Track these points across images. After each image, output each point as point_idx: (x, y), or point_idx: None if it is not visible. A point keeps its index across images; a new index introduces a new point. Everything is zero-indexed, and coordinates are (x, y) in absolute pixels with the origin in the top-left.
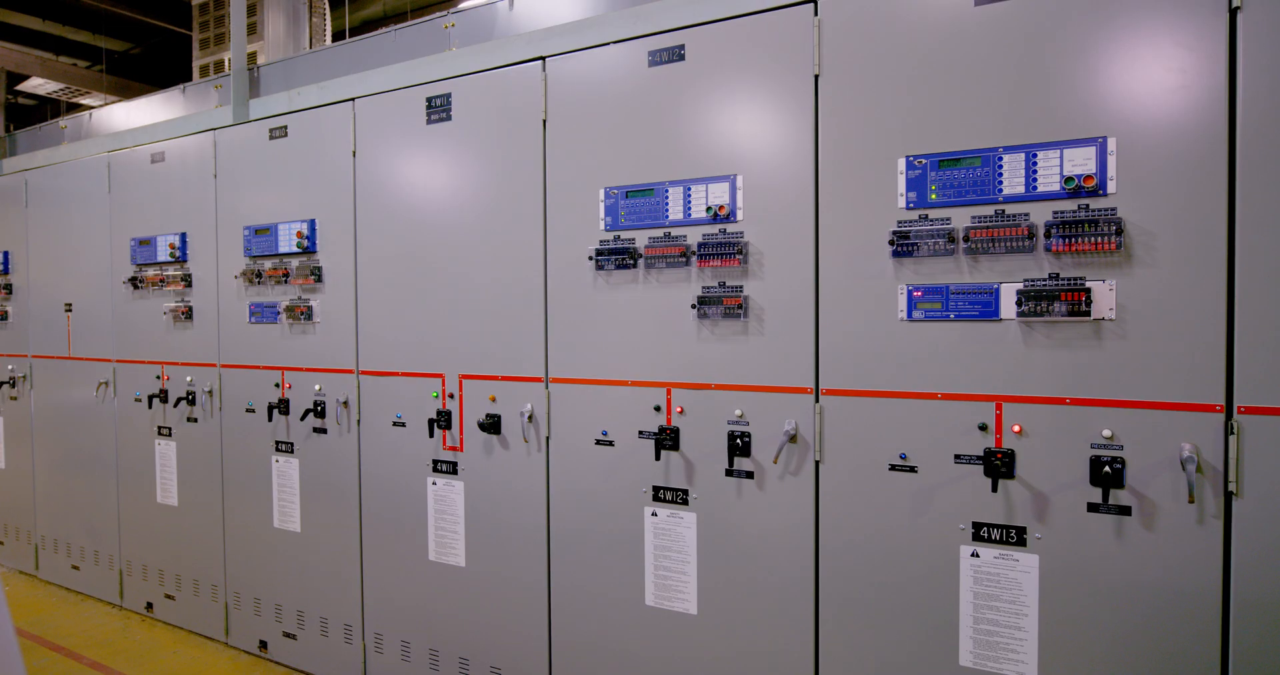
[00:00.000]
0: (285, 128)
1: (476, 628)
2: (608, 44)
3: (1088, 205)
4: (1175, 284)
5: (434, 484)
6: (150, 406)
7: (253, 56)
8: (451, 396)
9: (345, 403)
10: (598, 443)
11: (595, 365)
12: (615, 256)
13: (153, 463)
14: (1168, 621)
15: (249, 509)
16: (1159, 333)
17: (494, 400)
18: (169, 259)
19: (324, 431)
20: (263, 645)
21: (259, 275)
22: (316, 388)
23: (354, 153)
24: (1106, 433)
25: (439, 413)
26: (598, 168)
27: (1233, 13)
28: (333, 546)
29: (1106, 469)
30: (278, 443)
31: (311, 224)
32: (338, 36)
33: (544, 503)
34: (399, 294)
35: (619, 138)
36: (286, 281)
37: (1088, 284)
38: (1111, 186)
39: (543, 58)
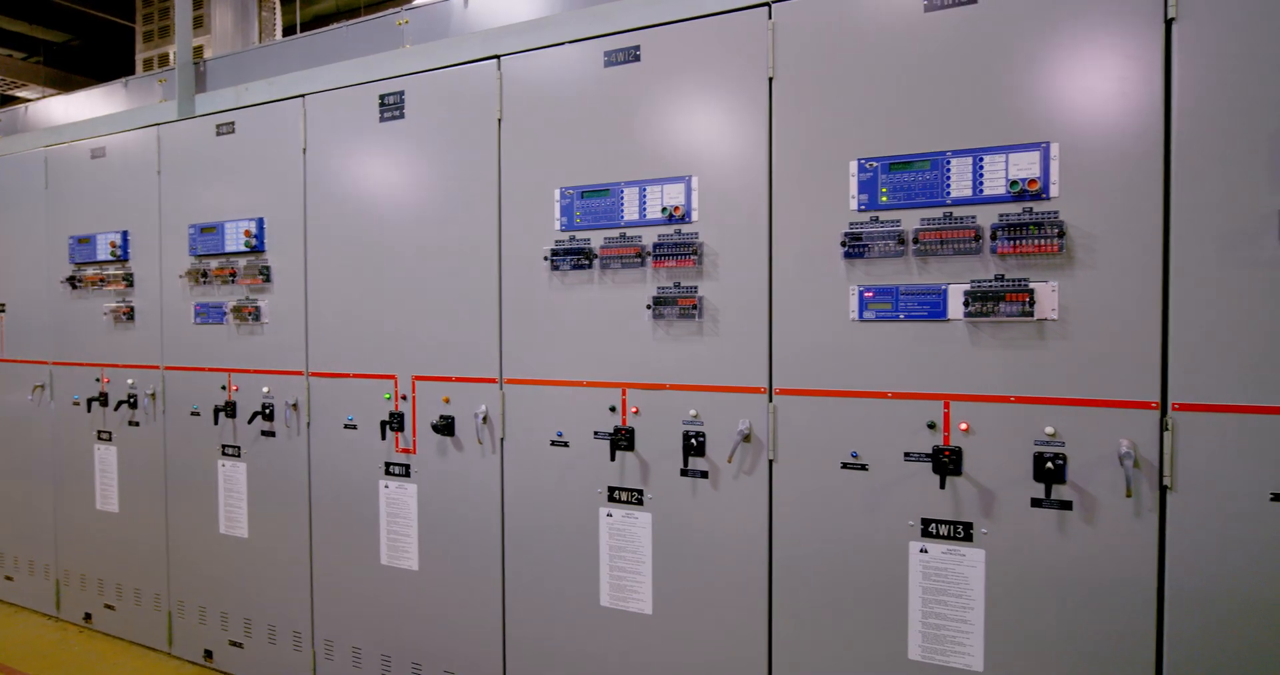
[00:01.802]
0: (233, 124)
1: (430, 632)
2: (563, 43)
3: (1031, 208)
4: (1114, 285)
5: (386, 487)
6: (89, 410)
7: (199, 50)
8: (404, 398)
9: (295, 405)
10: (553, 444)
11: (550, 366)
12: (571, 257)
13: (92, 468)
14: (1107, 611)
15: (194, 515)
16: (1099, 333)
17: (448, 402)
18: (110, 258)
19: (272, 435)
20: (208, 655)
21: (205, 275)
22: (265, 390)
23: (304, 150)
24: (1049, 430)
25: (391, 414)
26: (553, 168)
27: (1168, 23)
28: (282, 552)
29: (1049, 465)
30: (224, 446)
31: (260, 222)
32: (288, 31)
33: (498, 504)
34: (350, 294)
35: (575, 138)
36: (234, 281)
37: (1031, 285)
38: (1054, 190)
39: (498, 56)
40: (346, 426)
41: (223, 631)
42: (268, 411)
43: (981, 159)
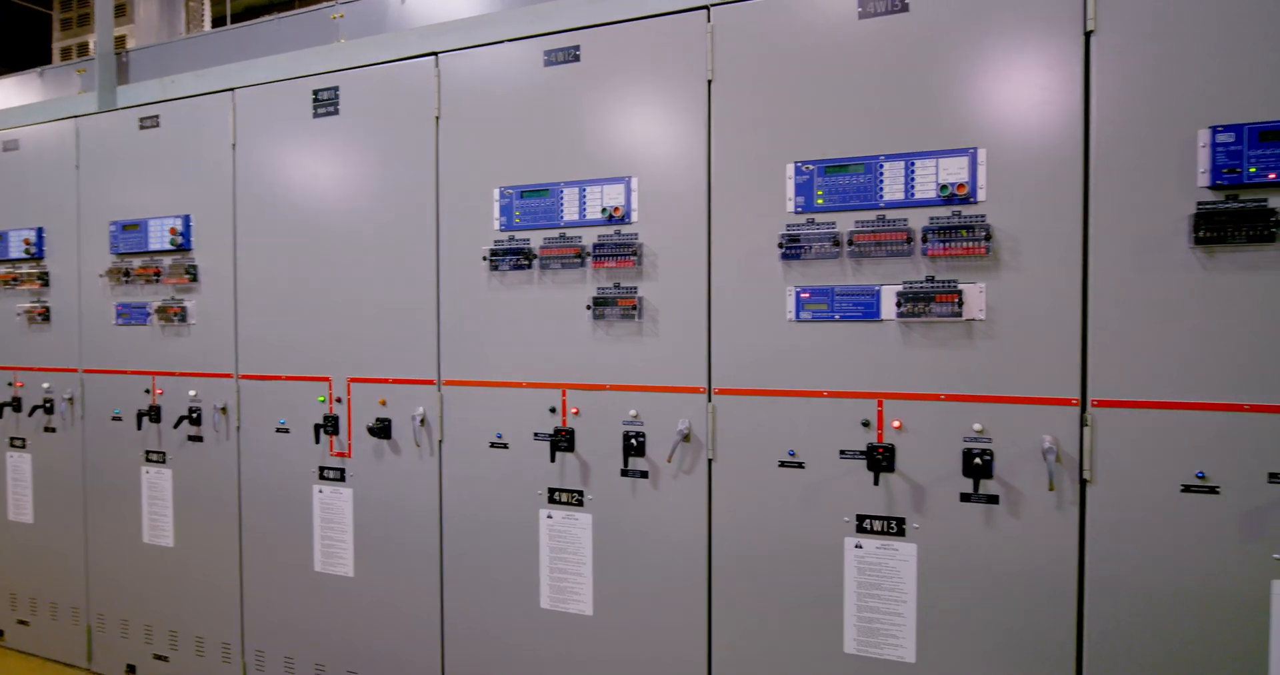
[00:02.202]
0: (157, 117)
1: (366, 639)
2: (503, 42)
3: (960, 212)
4: (1037, 287)
5: (320, 492)
6: (0, 416)
7: (122, 40)
8: (339, 400)
9: (224, 409)
10: (492, 445)
11: (490, 367)
12: (510, 257)
13: (3, 477)
14: (1031, 600)
15: (115, 524)
16: (1023, 332)
17: (384, 404)
18: (23, 256)
19: (200, 439)
20: (130, 669)
21: (127, 274)
22: (192, 393)
23: (234, 145)
24: (977, 426)
25: (326, 418)
26: (492, 167)
27: (1087, 36)
28: (209, 561)
29: (977, 461)
30: (148, 452)
31: (186, 220)
32: (218, 23)
33: (436, 508)
34: (283, 294)
35: (514, 137)
36: (158, 281)
37: (960, 286)
38: (981, 195)
39: (435, 53)
40: (279, 430)
41: (147, 645)
42: (195, 416)
43: (913, 163)
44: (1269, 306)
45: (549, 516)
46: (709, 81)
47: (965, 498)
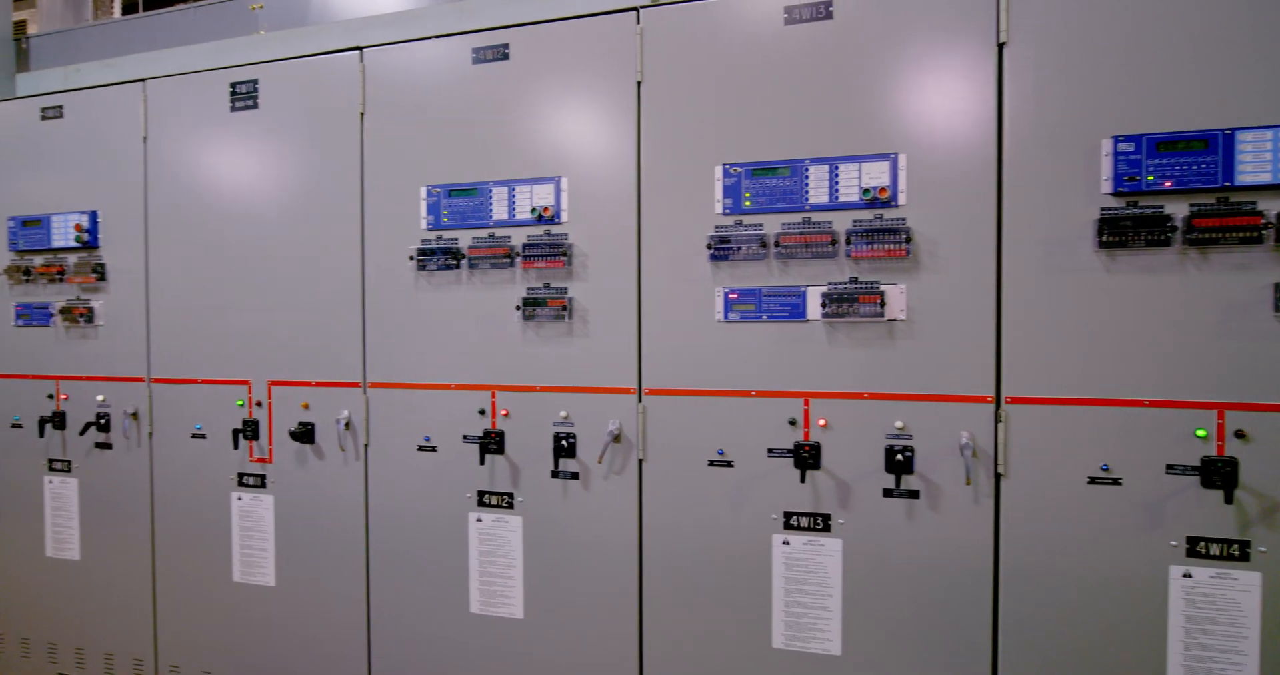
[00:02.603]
0: (61, 107)
1: (289, 649)
2: (429, 38)
3: (882, 215)
4: (954, 288)
5: (239, 499)
6: None
7: (21, 25)
8: (259, 404)
9: (134, 414)
10: (420, 448)
11: (417, 369)
12: (438, 257)
13: None
14: (950, 591)
15: (15, 538)
16: (942, 332)
17: (307, 407)
18: None
19: (109, 446)
20: None
21: (27, 272)
22: (100, 398)
23: (145, 139)
24: (899, 424)
25: (245, 422)
26: (420, 165)
27: (1000, 47)
28: (119, 574)
29: (898, 457)
30: (51, 461)
31: (93, 216)
32: (129, 10)
33: (362, 512)
34: (199, 294)
35: (442, 135)
36: (62, 280)
37: (882, 287)
38: (902, 198)
39: (360, 48)
40: (194, 436)
41: (50, 664)
42: (103, 421)
43: (837, 167)
44: (1165, 307)
45: (479, 520)
46: (638, 83)
47: (888, 493)
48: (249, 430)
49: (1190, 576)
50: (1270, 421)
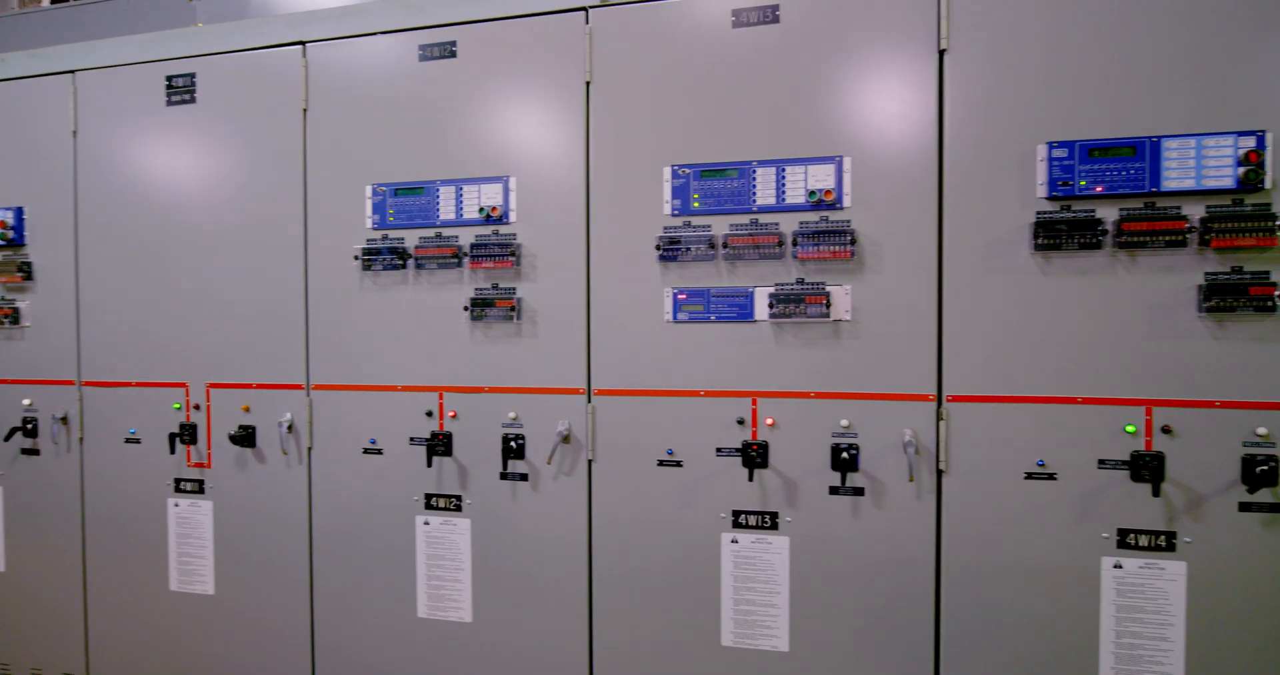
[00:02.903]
0: None
1: (230, 658)
2: (375, 34)
3: (828, 217)
4: (897, 288)
5: (176, 505)
6: None
7: None
8: (197, 407)
9: (64, 419)
10: (365, 451)
11: (362, 370)
12: (384, 256)
13: None
14: (894, 585)
15: None
16: (885, 332)
17: (248, 410)
18: None
19: (37, 453)
20: None
21: None
22: (26, 402)
23: (74, 133)
24: (844, 422)
25: (182, 426)
26: (365, 163)
27: (941, 54)
28: (48, 585)
29: (844, 455)
30: None
31: (18, 213)
32: None
33: (306, 517)
34: (133, 294)
35: (388, 133)
36: None
37: (828, 288)
38: (847, 201)
39: (303, 43)
40: (128, 440)
41: None
42: (30, 427)
43: (784, 170)
44: (1097, 308)
45: (426, 523)
46: (587, 83)
47: (834, 491)
48: (186, 434)
49: (1121, 567)
50: (1194, 417)
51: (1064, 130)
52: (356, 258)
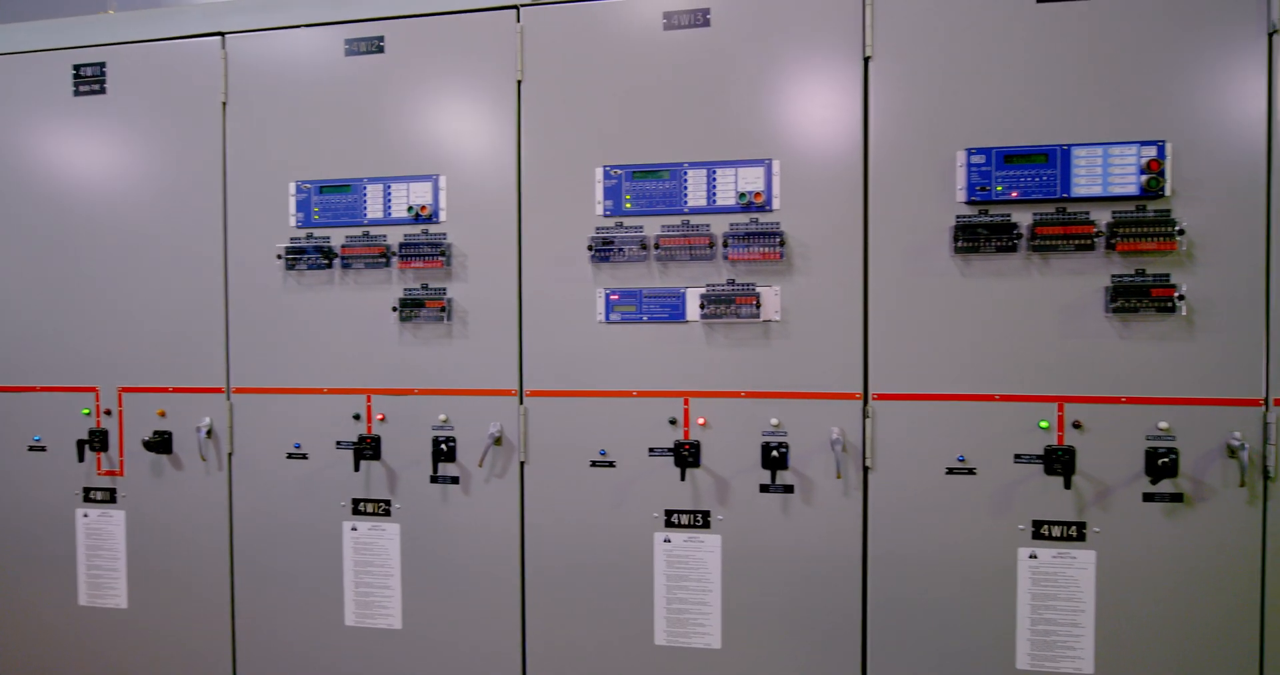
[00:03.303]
0: None
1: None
2: (299, 27)
3: (757, 219)
4: (826, 289)
5: (85, 516)
6: None
7: None
8: (108, 413)
9: None
10: (290, 456)
11: (287, 373)
12: (309, 256)
13: None
14: (823, 580)
15: None
16: (814, 332)
17: (164, 415)
18: None
19: None
20: None
21: None
22: None
23: None
24: (774, 421)
25: (92, 432)
26: (288, 159)
27: (866, 61)
28: None
29: (774, 453)
30: None
31: None
32: None
33: (226, 526)
34: (38, 295)
35: (313, 128)
36: None
37: (758, 289)
38: (776, 203)
39: (222, 34)
40: (32, 448)
41: None
42: None
43: (715, 171)
44: (1012, 308)
45: (353, 529)
46: (519, 82)
47: (764, 488)
48: (96, 441)
49: (1036, 557)
50: (1102, 413)
51: (982, 137)
52: (280, 257)
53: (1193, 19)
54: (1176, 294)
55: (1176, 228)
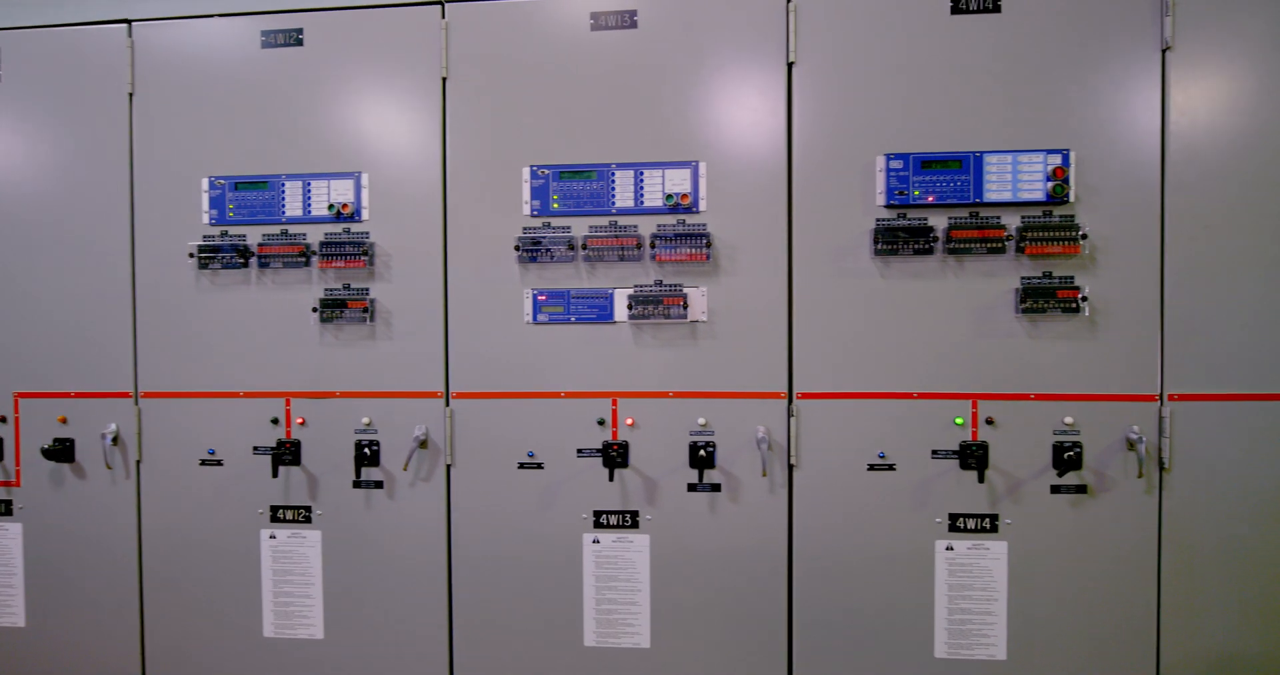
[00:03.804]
0: None
1: None
2: (212, 16)
3: (685, 220)
4: (751, 290)
5: None
6: None
7: None
8: (3, 420)
9: None
10: (204, 463)
11: (200, 376)
12: (223, 254)
13: None
14: (750, 577)
15: None
16: (740, 333)
17: (65, 422)
18: None
19: None
20: None
21: None
22: None
23: None
24: (701, 421)
25: None
26: (201, 154)
27: (789, 66)
28: None
29: (701, 453)
30: None
31: None
32: None
33: (135, 537)
34: None
35: (227, 123)
36: None
37: (685, 290)
38: (703, 205)
39: (128, 21)
40: None
41: None
42: None
43: (642, 173)
44: (929, 309)
45: (272, 536)
46: (444, 79)
47: (692, 488)
48: None
49: (952, 549)
50: (1013, 409)
51: (901, 143)
52: (192, 255)
53: (1094, 35)
54: (1080, 295)
55: (1080, 232)
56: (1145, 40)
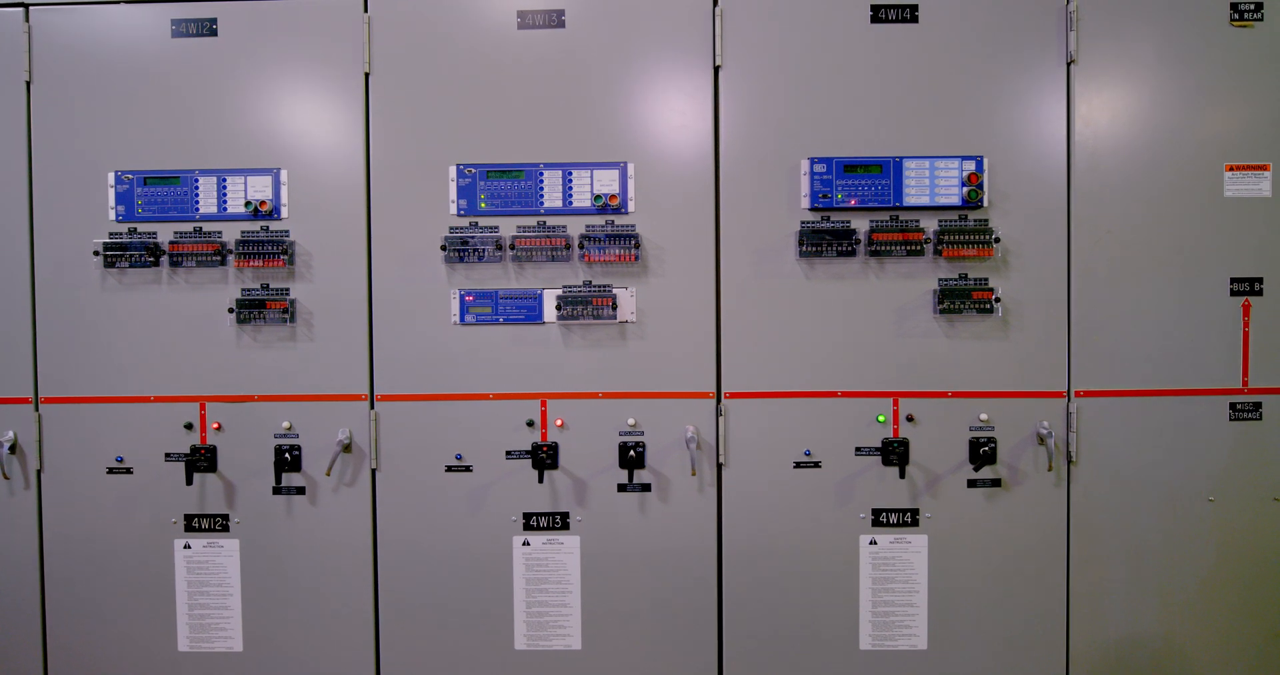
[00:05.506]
0: None
1: None
2: (118, 3)
3: (613, 221)
4: (680, 291)
5: None
6: None
7: None
8: None
9: None
10: (111, 471)
11: (108, 380)
12: (131, 252)
13: None
14: (681, 575)
15: None
16: (669, 333)
17: None
18: None
19: None
20: None
21: None
22: None
23: None
24: (631, 421)
25: None
26: (106, 148)
27: (716, 70)
28: None
29: (631, 453)
30: None
31: None
32: None
33: (35, 550)
34: None
35: (137, 115)
36: None
37: (614, 291)
38: (632, 206)
39: (25, 5)
40: None
41: None
42: None
43: (570, 173)
44: (853, 309)
45: (186, 546)
46: (366, 74)
47: (622, 488)
48: None
49: (875, 543)
50: (932, 406)
51: (824, 147)
52: (97, 253)
53: (1006, 47)
54: (994, 296)
55: (993, 236)
56: (1051, 53)
